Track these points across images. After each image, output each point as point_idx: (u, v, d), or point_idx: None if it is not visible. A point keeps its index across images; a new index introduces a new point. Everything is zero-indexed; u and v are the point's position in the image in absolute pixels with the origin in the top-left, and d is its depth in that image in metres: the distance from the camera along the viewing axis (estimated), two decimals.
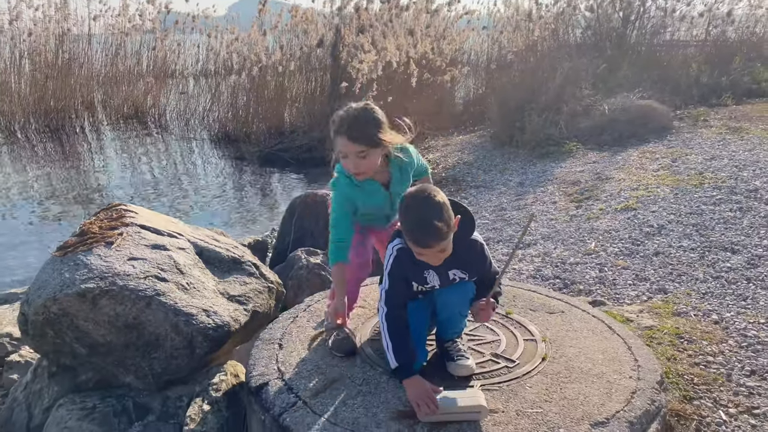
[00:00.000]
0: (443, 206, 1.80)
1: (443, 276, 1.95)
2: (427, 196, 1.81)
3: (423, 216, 1.78)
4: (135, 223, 2.65)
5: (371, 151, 2.12)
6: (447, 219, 1.79)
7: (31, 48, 12.48)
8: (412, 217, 1.81)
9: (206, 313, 2.30)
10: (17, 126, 11.62)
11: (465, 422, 1.78)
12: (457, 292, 2.00)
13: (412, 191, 1.87)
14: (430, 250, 1.80)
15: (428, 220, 1.76)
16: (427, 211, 1.77)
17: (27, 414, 2.51)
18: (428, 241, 1.79)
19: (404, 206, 1.84)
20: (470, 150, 8.40)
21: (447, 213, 1.80)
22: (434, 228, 1.75)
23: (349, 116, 2.13)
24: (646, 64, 11.49)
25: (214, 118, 11.51)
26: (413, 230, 1.81)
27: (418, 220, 1.79)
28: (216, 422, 2.10)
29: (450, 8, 12.11)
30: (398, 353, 1.89)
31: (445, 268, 1.93)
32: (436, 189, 1.85)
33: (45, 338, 2.27)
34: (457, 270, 1.95)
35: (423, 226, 1.78)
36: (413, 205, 1.82)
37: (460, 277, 1.96)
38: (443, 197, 1.83)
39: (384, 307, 1.96)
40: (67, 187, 7.64)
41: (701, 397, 2.29)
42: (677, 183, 5.42)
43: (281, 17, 11.51)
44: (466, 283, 2.00)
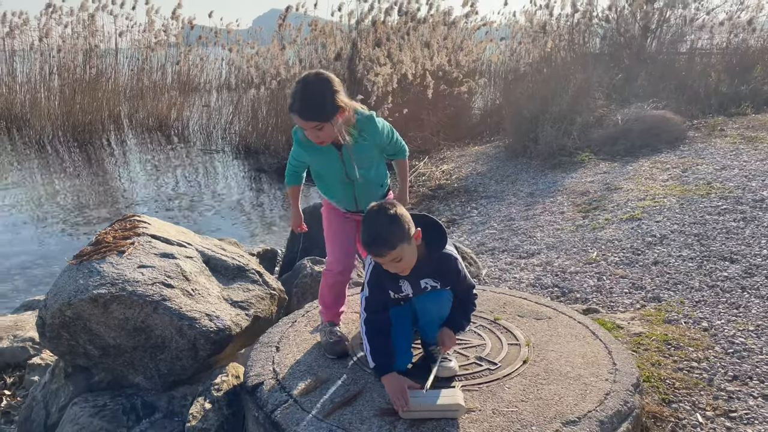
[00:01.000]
0: (397, 219, 1.92)
1: (415, 285, 2.10)
2: (381, 210, 1.95)
3: (372, 227, 1.93)
4: (147, 233, 2.83)
5: (326, 124, 2.16)
6: (400, 232, 1.91)
7: (60, 64, 12.93)
8: (364, 227, 1.97)
9: (209, 317, 2.45)
10: (46, 139, 12.03)
11: (443, 419, 1.90)
12: (434, 300, 2.13)
13: (373, 204, 2.00)
14: (381, 259, 1.95)
15: (375, 232, 1.91)
16: (376, 223, 1.92)
17: (45, 412, 2.68)
18: (377, 250, 1.93)
19: (362, 219, 1.99)
20: (484, 161, 8.49)
21: (397, 226, 1.92)
22: (380, 239, 1.91)
23: (300, 92, 2.15)
24: (664, 73, 11.48)
25: (234, 131, 11.79)
26: (365, 240, 1.96)
27: (367, 230, 1.94)
28: (216, 420, 2.25)
29: (467, 20, 12.26)
30: (375, 354, 2.05)
31: (416, 278, 2.07)
32: (395, 204, 1.97)
33: (60, 340, 2.45)
34: (429, 279, 2.09)
35: (370, 236, 1.93)
36: (367, 217, 1.97)
37: (431, 285, 2.10)
38: (400, 212, 1.95)
39: (364, 312, 2.11)
40: (92, 198, 7.93)
41: (680, 400, 2.37)
42: (684, 193, 5.47)
43: (300, 31, 11.77)
44: (442, 291, 2.13)
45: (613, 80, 10.45)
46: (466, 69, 11.05)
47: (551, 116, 8.32)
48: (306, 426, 1.89)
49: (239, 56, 13.14)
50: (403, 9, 10.94)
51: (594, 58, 11.60)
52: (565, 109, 8.54)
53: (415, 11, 11.09)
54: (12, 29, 13.60)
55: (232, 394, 2.39)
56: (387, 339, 2.08)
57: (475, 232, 5.43)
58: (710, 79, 11.33)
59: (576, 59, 11.01)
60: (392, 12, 11.07)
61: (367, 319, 2.10)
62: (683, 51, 13.02)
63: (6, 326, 3.70)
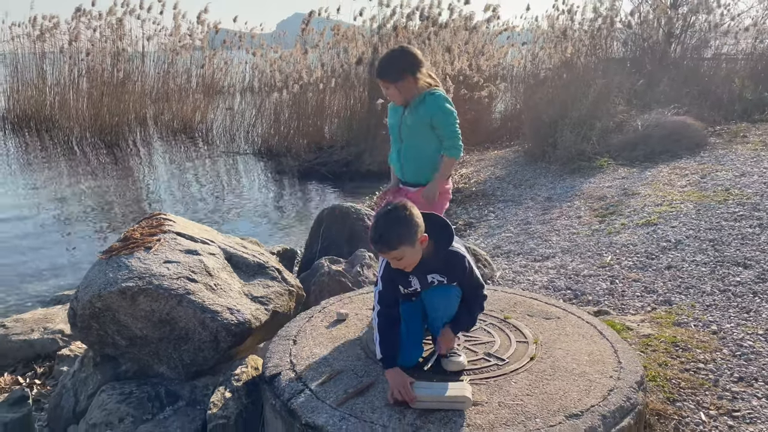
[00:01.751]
0: (402, 221, 2.02)
1: (423, 280, 2.20)
2: (392, 210, 2.05)
3: (379, 225, 2.04)
4: (172, 231, 2.96)
5: (392, 85, 2.69)
6: (400, 234, 2.01)
7: (89, 67, 13.25)
8: (373, 223, 2.09)
9: (230, 311, 2.57)
10: (74, 140, 12.34)
11: (451, 410, 1.99)
12: (442, 295, 2.22)
13: (387, 204, 2.13)
14: (383, 255, 2.07)
15: (381, 230, 2.02)
16: (384, 223, 2.03)
17: (74, 399, 2.82)
18: (379, 248, 2.05)
19: (376, 213, 2.12)
20: (503, 165, 8.55)
21: (403, 229, 2.02)
22: (384, 238, 2.02)
23: (380, 58, 2.80)
24: (687, 79, 11.42)
25: (257, 134, 11.98)
26: (370, 235, 2.08)
27: (374, 227, 2.06)
28: (236, 408, 2.36)
29: (489, 25, 12.32)
30: (384, 346, 2.16)
31: (423, 273, 2.17)
32: (408, 207, 2.06)
33: (90, 330, 2.59)
34: (435, 274, 2.18)
35: (376, 233, 2.04)
36: (378, 215, 2.10)
37: (438, 280, 2.20)
38: (410, 214, 2.04)
39: (377, 305, 2.22)
40: (118, 197, 8.15)
41: (685, 399, 2.43)
42: (702, 199, 5.48)
43: (323, 35, 11.93)
44: (450, 287, 2.22)
45: (635, 86, 10.43)
46: (486, 73, 11.10)
47: (571, 121, 8.35)
48: (320, 413, 1.99)
49: (263, 60, 13.35)
50: (424, 14, 11.04)
51: (616, 64, 11.59)
52: (585, 114, 8.56)
53: (436, 16, 11.18)
54: (42, 32, 13.97)
55: (251, 384, 2.50)
56: (396, 332, 2.18)
57: (491, 235, 5.50)
58: (734, 85, 11.25)
59: (597, 64, 11.01)
60: (414, 17, 11.18)
61: (380, 311, 2.21)
62: (708, 56, 12.93)
63: (37, 319, 3.86)
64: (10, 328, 3.71)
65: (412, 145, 2.77)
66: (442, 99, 2.71)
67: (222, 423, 2.29)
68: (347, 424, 1.94)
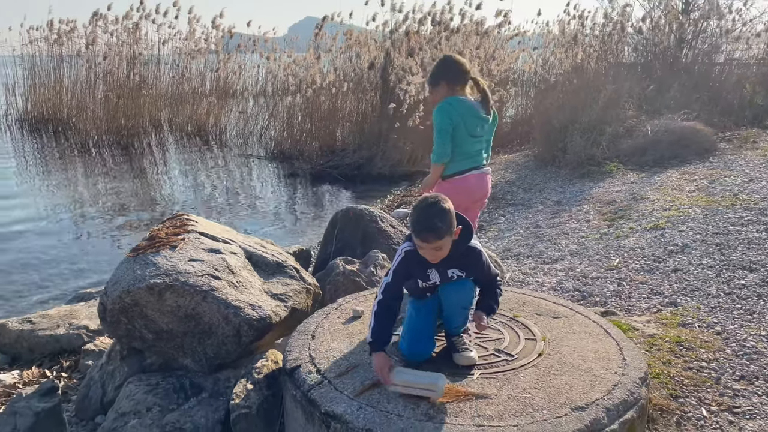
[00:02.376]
0: (447, 212, 2.16)
1: (443, 274, 2.32)
2: (436, 202, 2.18)
3: (427, 215, 2.16)
4: (195, 231, 3.09)
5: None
6: (447, 223, 2.15)
7: (105, 70, 13.48)
8: (418, 214, 2.19)
9: (252, 307, 2.70)
10: (91, 142, 12.56)
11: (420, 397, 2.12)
12: (458, 289, 2.35)
13: (426, 196, 2.26)
14: (427, 245, 2.16)
15: (430, 219, 2.14)
16: (432, 213, 2.15)
17: (101, 391, 2.96)
18: (426, 236, 2.15)
19: (414, 206, 2.22)
20: (513, 169, 8.65)
21: (449, 218, 2.16)
22: (435, 226, 2.13)
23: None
24: (698, 84, 11.46)
25: (270, 137, 12.15)
26: (417, 225, 2.17)
27: (423, 217, 2.16)
28: (257, 399, 2.48)
29: (500, 30, 12.42)
30: (376, 332, 2.29)
31: (445, 267, 2.30)
32: (446, 199, 2.21)
33: (119, 324, 2.72)
34: (455, 269, 2.31)
35: (425, 222, 2.15)
36: (421, 207, 2.20)
37: (458, 275, 2.32)
38: (451, 207, 2.19)
39: (381, 295, 2.34)
40: (134, 199, 8.32)
41: (687, 396, 2.53)
42: (710, 204, 5.56)
43: (336, 40, 12.08)
44: (465, 282, 2.34)
45: (645, 91, 10.50)
46: (497, 78, 11.20)
47: (581, 126, 8.44)
48: (339, 403, 2.11)
49: (276, 64, 13.52)
50: (436, 19, 11.17)
51: (626, 69, 11.66)
52: (595, 119, 8.65)
53: (448, 21, 11.31)
54: (60, 36, 14.22)
55: (272, 377, 2.62)
56: (390, 323, 2.32)
57: (501, 238, 5.60)
58: (745, 90, 11.29)
59: (607, 70, 11.09)
60: (426, 22, 11.31)
61: (381, 300, 2.33)
62: (719, 62, 12.96)
63: (62, 315, 4.01)
64: (37, 324, 3.85)
65: None
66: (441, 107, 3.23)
67: (245, 412, 2.42)
68: (364, 413, 2.06)
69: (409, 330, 2.39)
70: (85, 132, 12.87)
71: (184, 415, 2.51)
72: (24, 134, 14.10)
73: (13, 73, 14.62)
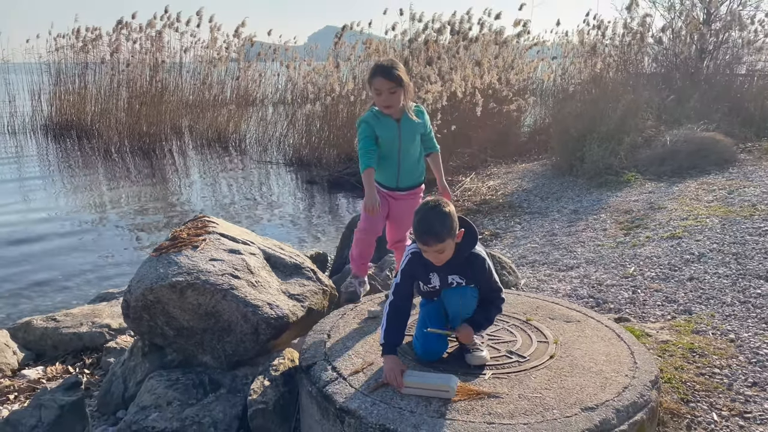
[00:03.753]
0: (447, 215, 2.22)
1: (443, 279, 2.38)
2: (437, 206, 2.24)
3: (428, 219, 2.22)
4: (216, 232, 3.18)
5: (398, 89, 2.98)
6: (448, 226, 2.21)
7: (128, 77, 13.74)
8: (419, 218, 2.25)
9: (270, 306, 2.77)
10: (114, 148, 12.79)
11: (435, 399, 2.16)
12: (459, 293, 2.40)
13: (427, 200, 2.32)
14: (429, 248, 2.23)
15: (432, 223, 2.20)
16: (433, 216, 2.22)
17: (123, 386, 3.04)
18: (427, 239, 2.21)
19: (417, 210, 2.29)
20: (530, 178, 8.66)
21: (449, 222, 2.22)
22: (435, 230, 2.19)
23: (383, 63, 3.03)
24: (718, 95, 11.39)
25: (289, 144, 12.28)
26: (418, 229, 2.24)
27: (424, 221, 2.23)
28: (274, 395, 2.55)
29: (519, 39, 12.46)
30: (388, 333, 2.34)
31: (445, 273, 2.36)
32: (448, 203, 2.28)
33: (142, 321, 2.81)
34: (456, 276, 2.37)
35: (426, 226, 2.21)
36: (423, 209, 2.26)
37: (457, 282, 2.37)
38: (452, 210, 2.25)
39: (392, 296, 2.40)
40: (155, 203, 8.48)
41: (698, 400, 2.54)
42: (728, 214, 5.54)
43: (355, 49, 12.21)
44: (466, 288, 2.39)
45: (665, 101, 10.46)
46: (516, 87, 11.24)
47: (599, 136, 8.44)
48: (353, 399, 2.17)
49: (296, 72, 13.68)
50: (455, 28, 11.25)
51: (646, 79, 11.63)
52: (613, 129, 8.65)
53: (466, 30, 11.38)
54: (85, 44, 14.53)
55: (288, 375, 2.68)
56: (402, 325, 2.36)
57: (516, 245, 5.63)
58: (767, 101, 11.19)
59: (626, 79, 11.07)
60: (444, 31, 11.39)
61: (392, 302, 2.38)
62: (741, 73, 12.87)
63: (85, 314, 4.11)
64: (61, 322, 3.96)
65: (410, 153, 3.15)
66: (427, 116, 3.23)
67: (261, 408, 2.48)
68: (378, 409, 2.11)
69: (421, 330, 2.44)
70: (108, 138, 13.12)
71: (203, 410, 2.58)
72: (48, 139, 14.40)
73: (39, 80, 14.96)
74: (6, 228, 7.08)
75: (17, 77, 15.82)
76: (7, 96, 15.79)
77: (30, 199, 8.69)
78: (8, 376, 3.50)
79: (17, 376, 3.49)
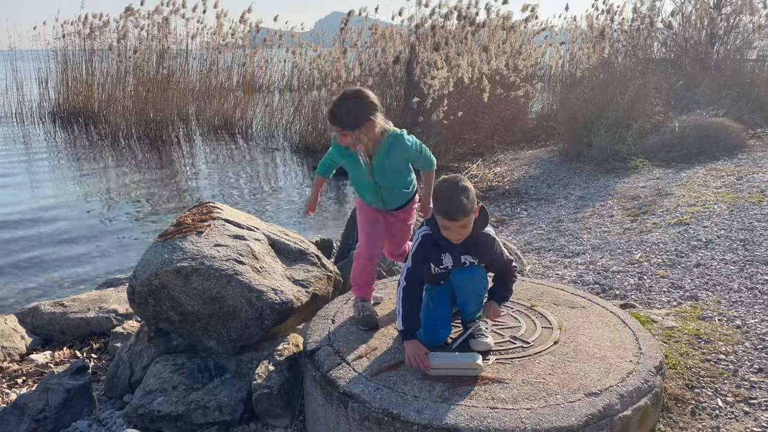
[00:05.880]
0: (468, 190, 2.24)
1: (456, 259, 2.38)
2: (457, 181, 2.26)
3: (453, 194, 2.22)
4: (221, 218, 3.18)
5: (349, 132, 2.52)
6: (471, 199, 2.23)
7: (136, 64, 13.72)
8: (443, 194, 2.25)
9: (274, 291, 2.78)
10: (120, 135, 12.81)
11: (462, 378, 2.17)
12: (468, 275, 2.40)
13: (446, 177, 2.31)
14: (455, 223, 2.23)
15: (457, 197, 2.21)
16: (456, 191, 2.22)
17: (129, 370, 3.06)
18: (455, 214, 2.21)
19: (437, 187, 2.29)
20: (537, 164, 8.62)
21: (471, 195, 2.24)
22: (461, 203, 2.20)
23: (335, 101, 2.56)
24: (728, 81, 11.27)
25: (295, 130, 12.26)
26: (443, 204, 2.23)
27: (449, 196, 2.22)
28: (278, 380, 2.56)
29: (527, 25, 12.35)
30: (406, 319, 2.35)
31: (459, 253, 2.36)
32: (464, 178, 2.28)
33: (147, 306, 2.82)
34: (468, 255, 2.37)
35: (452, 201, 2.21)
36: (445, 186, 2.26)
37: (470, 261, 2.37)
38: (469, 185, 2.26)
39: (404, 281, 2.40)
40: (161, 189, 8.49)
41: (703, 386, 2.54)
42: (736, 200, 5.50)
43: (361, 34, 12.13)
44: (476, 268, 2.40)
45: (673, 86, 10.37)
46: (523, 73, 11.15)
47: (606, 122, 8.38)
48: (356, 383, 2.18)
49: (302, 59, 13.62)
50: (462, 14, 11.16)
51: (655, 64, 11.52)
52: (621, 115, 8.58)
53: (474, 16, 11.29)
54: (92, 30, 14.51)
55: (292, 360, 2.70)
56: (417, 308, 2.37)
57: (522, 232, 5.61)
58: None
59: (635, 65, 10.96)
60: (451, 16, 11.30)
61: (405, 287, 2.39)
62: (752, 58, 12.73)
63: (92, 299, 4.14)
64: (69, 307, 3.99)
65: (391, 185, 2.74)
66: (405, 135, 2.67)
67: (266, 392, 2.49)
68: (381, 393, 2.11)
69: (425, 315, 2.44)
70: (115, 124, 13.14)
71: (208, 394, 2.60)
72: (56, 126, 14.44)
73: (46, 67, 14.97)
74: (14, 214, 7.12)
75: (24, 64, 15.83)
76: (15, 83, 15.82)
77: (38, 185, 8.74)
78: (16, 360, 3.53)
79: (25, 361, 3.52)
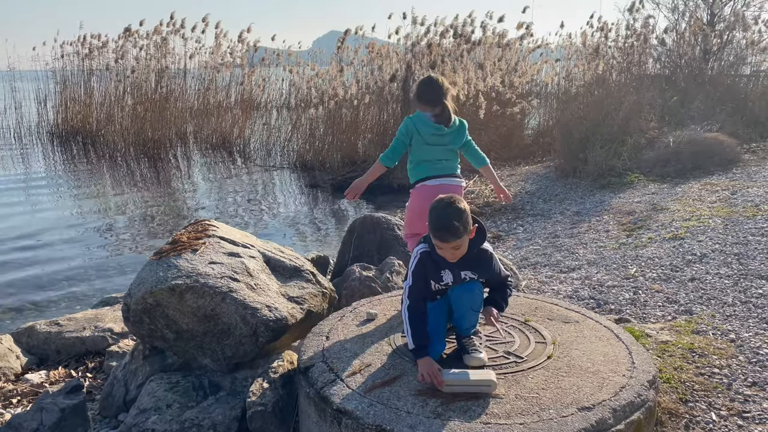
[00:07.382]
0: (463, 212, 2.26)
1: (456, 275, 2.40)
2: (452, 203, 2.28)
3: (445, 216, 2.25)
4: (216, 235, 3.19)
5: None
6: (464, 222, 2.25)
7: (134, 83, 13.81)
8: (436, 215, 2.28)
9: (269, 308, 2.78)
10: (119, 154, 12.86)
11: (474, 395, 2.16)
12: (467, 290, 2.42)
13: (442, 197, 2.34)
14: (447, 244, 2.26)
15: (448, 220, 2.23)
16: (449, 213, 2.25)
17: (124, 389, 3.06)
18: (446, 237, 2.24)
19: (432, 207, 2.32)
20: (534, 180, 8.66)
21: (465, 218, 2.26)
22: (453, 226, 2.22)
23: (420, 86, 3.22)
24: (722, 96, 11.37)
25: (293, 148, 12.31)
26: (436, 226, 2.26)
27: (441, 218, 2.25)
28: (273, 397, 2.56)
29: (522, 42, 12.47)
30: (416, 337, 2.35)
31: (459, 269, 2.39)
32: (462, 200, 2.31)
33: (142, 324, 2.82)
34: (468, 271, 2.40)
35: (443, 223, 2.24)
36: (439, 207, 2.29)
37: (470, 276, 2.41)
38: (466, 206, 2.29)
39: (407, 299, 2.41)
40: (159, 207, 8.52)
41: (697, 400, 2.54)
42: (730, 214, 5.53)
43: (358, 53, 12.23)
44: (474, 283, 2.42)
45: (668, 102, 10.45)
46: (519, 90, 11.24)
47: (602, 137, 8.44)
48: (350, 400, 2.18)
49: (299, 77, 13.72)
50: (458, 32, 11.27)
51: (649, 80, 11.62)
52: (616, 130, 8.64)
53: (469, 34, 11.40)
54: (91, 50, 14.62)
55: (287, 377, 2.69)
56: (424, 324, 2.38)
57: (519, 247, 5.63)
58: None
59: (630, 81, 11.06)
60: (447, 35, 11.42)
61: (409, 306, 2.40)
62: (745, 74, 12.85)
63: (88, 318, 4.14)
64: (64, 326, 3.98)
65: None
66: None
67: (260, 410, 2.49)
68: (374, 409, 2.12)
69: None
70: (113, 143, 13.20)
71: (203, 412, 2.60)
72: (54, 145, 14.49)
73: (45, 87, 15.06)
74: (11, 233, 7.13)
75: (23, 84, 15.93)
76: (14, 103, 15.91)
77: (35, 204, 8.76)
78: (11, 380, 3.52)
79: (20, 380, 3.51)
